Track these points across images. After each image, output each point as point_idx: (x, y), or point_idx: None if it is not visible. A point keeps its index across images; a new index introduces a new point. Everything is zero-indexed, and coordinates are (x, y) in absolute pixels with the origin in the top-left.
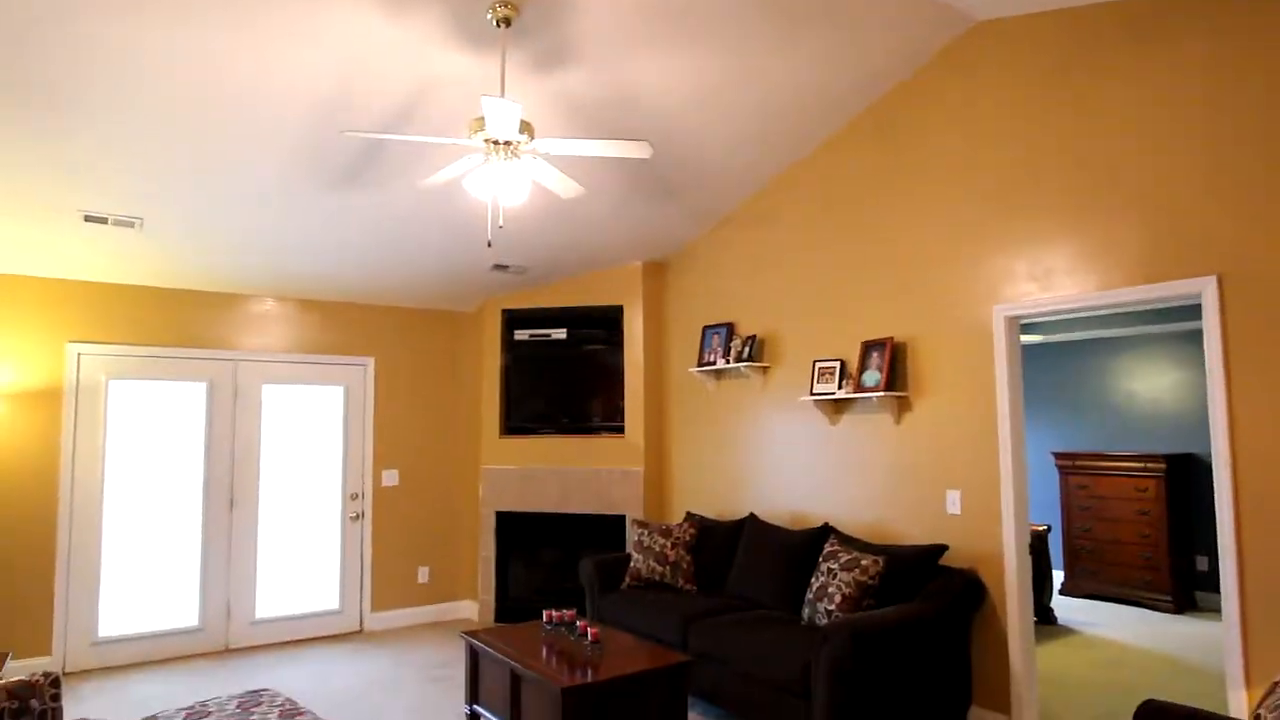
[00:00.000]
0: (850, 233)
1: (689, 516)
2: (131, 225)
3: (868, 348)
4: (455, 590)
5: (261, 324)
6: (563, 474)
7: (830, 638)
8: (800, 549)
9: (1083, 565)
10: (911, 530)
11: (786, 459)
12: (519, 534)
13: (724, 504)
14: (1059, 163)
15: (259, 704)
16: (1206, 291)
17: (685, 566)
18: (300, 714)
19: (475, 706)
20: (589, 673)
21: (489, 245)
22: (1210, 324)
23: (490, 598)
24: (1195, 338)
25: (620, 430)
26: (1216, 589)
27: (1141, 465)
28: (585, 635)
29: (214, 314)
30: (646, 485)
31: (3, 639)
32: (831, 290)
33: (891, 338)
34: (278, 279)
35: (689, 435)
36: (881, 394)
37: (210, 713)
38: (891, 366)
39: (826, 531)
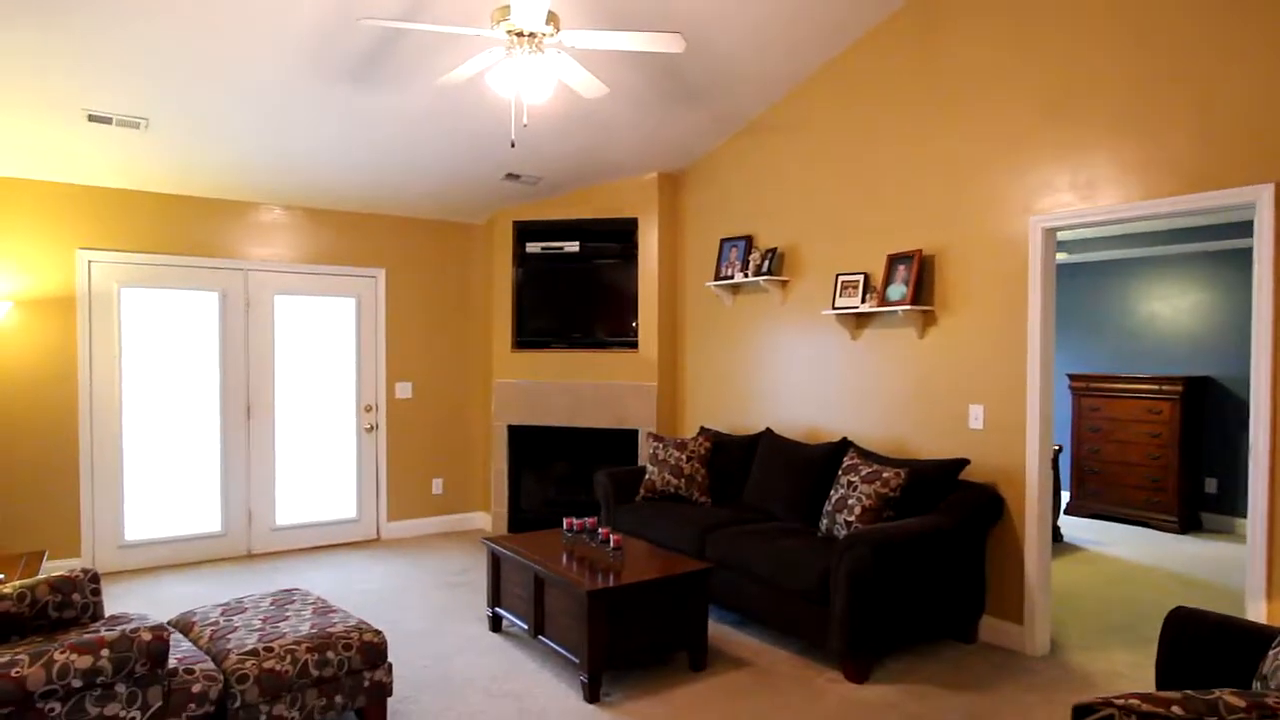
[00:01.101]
0: (879, 141)
1: (703, 431)
2: (136, 126)
3: (893, 261)
4: (468, 502)
5: (271, 233)
6: (575, 388)
7: (852, 546)
8: (818, 463)
9: (1089, 486)
10: (931, 445)
11: (804, 374)
12: (531, 447)
13: (738, 419)
14: (1105, 67)
15: (292, 601)
16: (1261, 199)
17: (700, 479)
18: (332, 611)
19: (497, 609)
20: (613, 577)
21: (513, 145)
22: (1264, 233)
23: (503, 509)
24: (1221, 258)
25: (633, 345)
26: (1224, 511)
27: (1157, 387)
28: (607, 542)
29: (223, 222)
30: (660, 400)
31: (34, 540)
32: (858, 201)
33: (919, 250)
34: (286, 186)
35: (704, 350)
36: (907, 308)
37: (246, 609)
38: (918, 280)
39: (845, 446)
